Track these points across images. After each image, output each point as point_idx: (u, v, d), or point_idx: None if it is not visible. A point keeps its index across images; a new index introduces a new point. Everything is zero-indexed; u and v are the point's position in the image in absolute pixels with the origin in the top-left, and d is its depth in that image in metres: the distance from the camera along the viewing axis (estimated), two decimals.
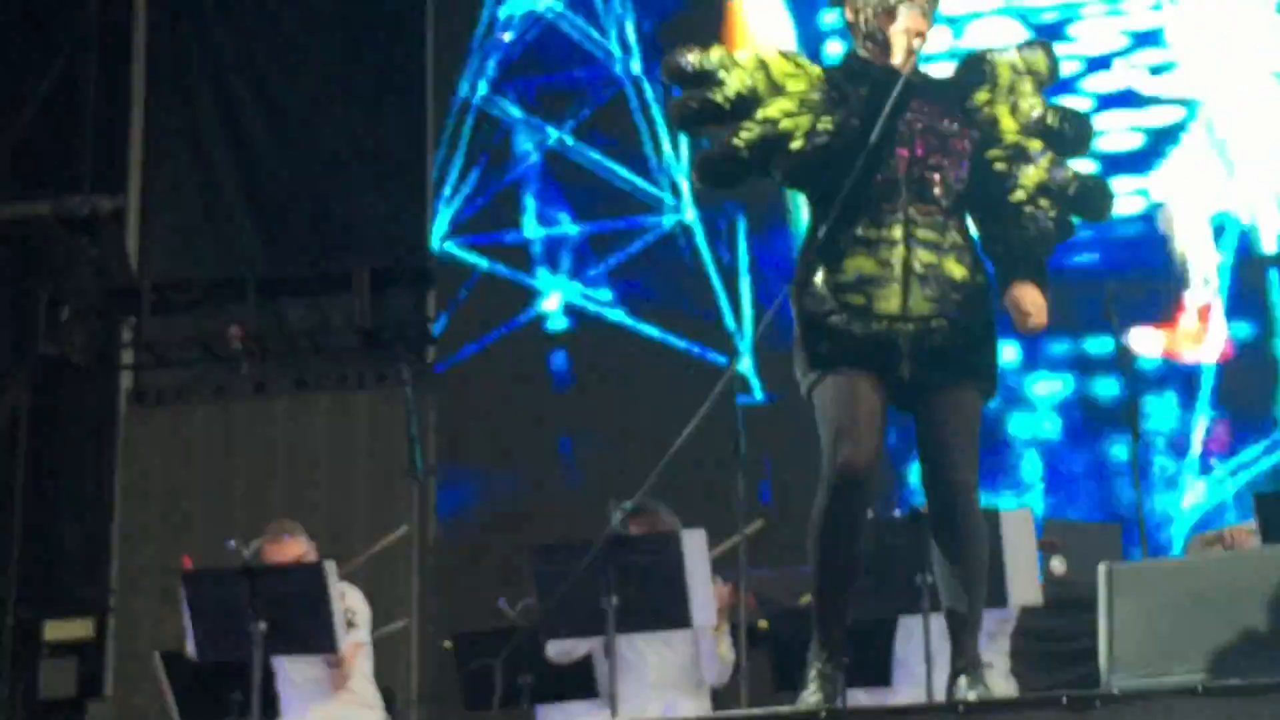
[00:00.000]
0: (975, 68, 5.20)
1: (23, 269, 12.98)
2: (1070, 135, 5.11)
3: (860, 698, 7.79)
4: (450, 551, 11.29)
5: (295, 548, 8.02)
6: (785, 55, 5.15)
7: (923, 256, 4.90)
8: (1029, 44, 5.28)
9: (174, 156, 13.01)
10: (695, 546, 7.36)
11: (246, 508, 11.63)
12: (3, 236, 13.01)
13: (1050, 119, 5.09)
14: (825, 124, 5.00)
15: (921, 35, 5.05)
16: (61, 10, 12.70)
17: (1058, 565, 7.66)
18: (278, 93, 12.93)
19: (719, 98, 5.05)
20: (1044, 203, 5.03)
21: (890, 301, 4.91)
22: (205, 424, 12.15)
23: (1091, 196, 5.08)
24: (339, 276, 12.40)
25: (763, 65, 5.07)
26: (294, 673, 7.98)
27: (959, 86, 5.17)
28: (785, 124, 5.01)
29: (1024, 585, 7.13)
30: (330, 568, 7.61)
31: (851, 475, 4.89)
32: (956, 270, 4.94)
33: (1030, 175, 5.04)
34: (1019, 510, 7.21)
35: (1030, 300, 5.02)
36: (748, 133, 5.04)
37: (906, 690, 7.65)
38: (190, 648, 7.76)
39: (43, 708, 11.79)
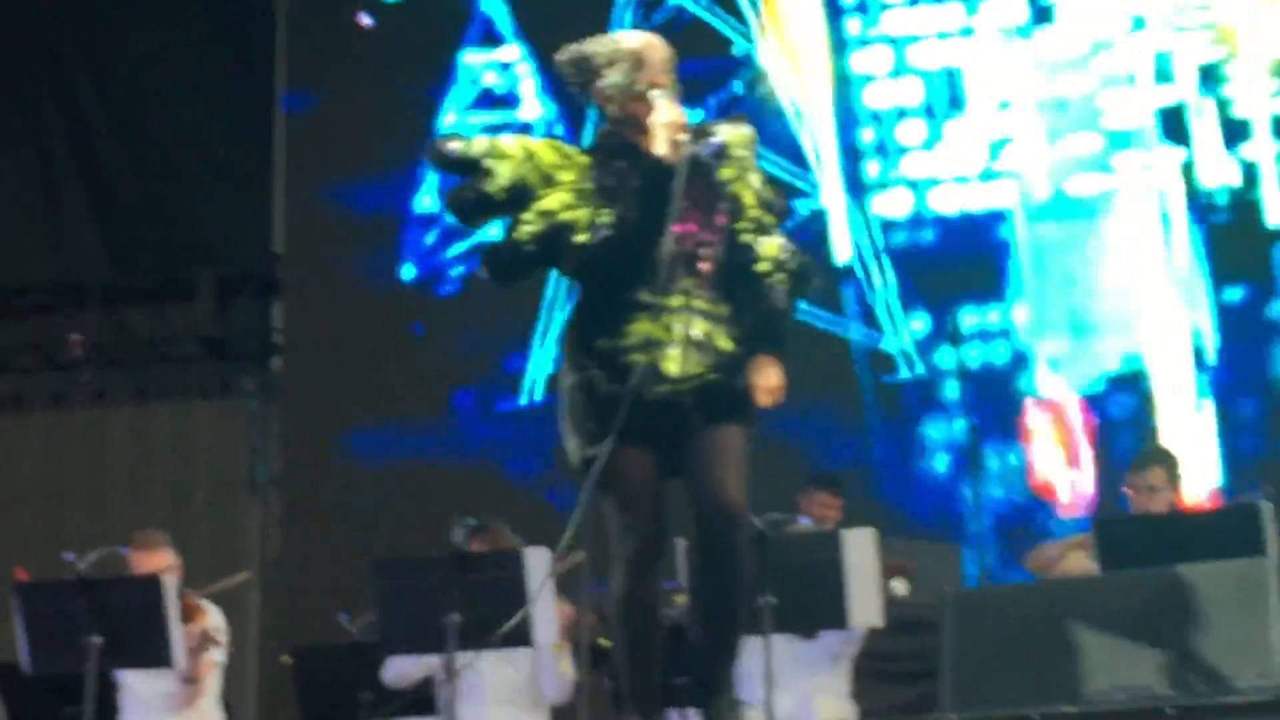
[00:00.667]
0: (703, 140, 5.29)
1: None
2: (779, 206, 5.30)
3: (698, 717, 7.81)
4: (292, 565, 11.20)
5: (160, 559, 7.93)
6: (552, 145, 5.26)
7: (699, 325, 5.07)
8: (735, 118, 5.44)
9: (15, 158, 12.80)
10: (537, 565, 7.34)
11: (84, 518, 11.48)
12: None
13: (764, 191, 5.26)
14: (605, 217, 5.12)
15: (683, 125, 5.19)
16: None
17: (899, 586, 7.70)
18: (124, 97, 12.77)
19: (493, 189, 5.14)
20: (779, 277, 5.22)
21: (670, 365, 5.03)
22: (43, 432, 11.98)
23: (805, 274, 5.25)
24: (184, 284, 12.28)
25: (531, 156, 5.18)
26: (141, 686, 7.88)
27: (709, 164, 5.28)
28: (565, 216, 5.13)
29: (865, 606, 7.16)
30: (168, 582, 7.52)
31: (645, 561, 5.03)
32: (723, 341, 5.11)
33: (768, 248, 5.22)
34: (861, 531, 7.24)
35: (767, 378, 5.15)
36: (531, 226, 5.13)
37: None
38: (23, 660, 7.63)
39: None
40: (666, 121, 5.15)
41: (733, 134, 5.28)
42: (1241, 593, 5.36)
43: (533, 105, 11.59)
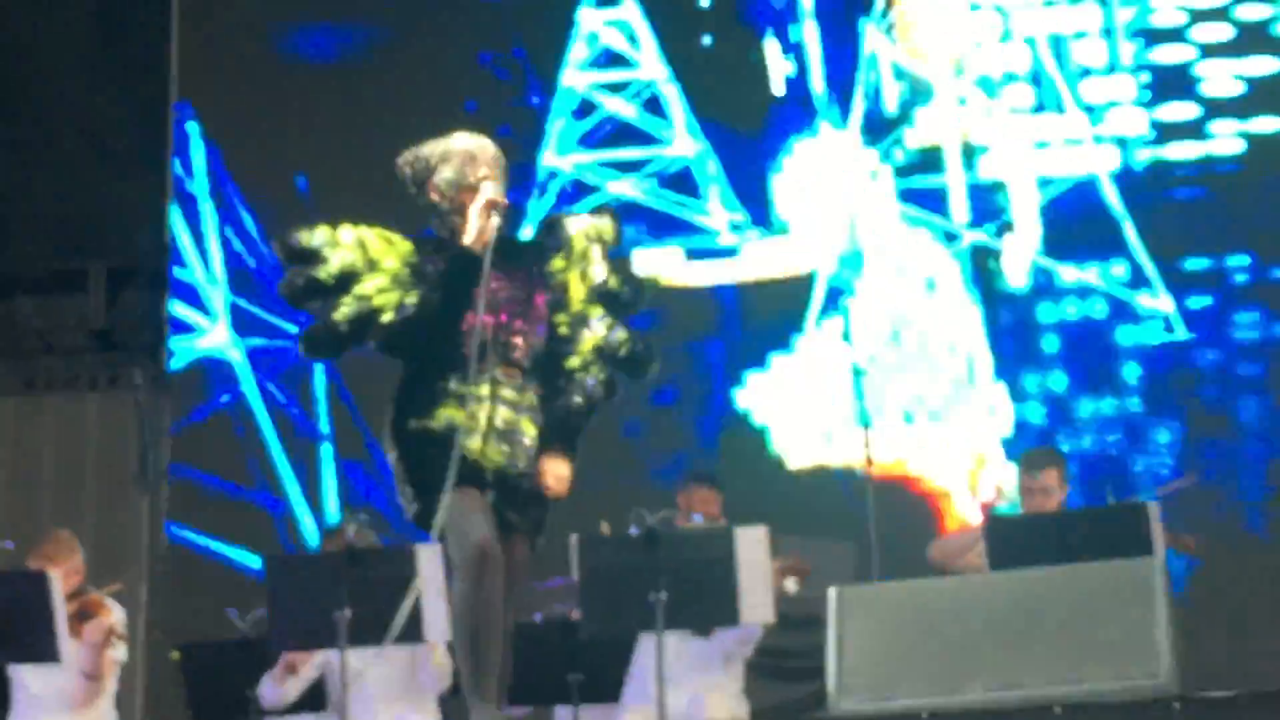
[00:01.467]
0: (554, 233, 5.74)
1: None
2: (627, 298, 5.69)
3: (590, 714, 7.82)
4: (181, 560, 11.11)
5: (66, 563, 7.86)
6: (381, 234, 5.63)
7: (504, 414, 5.50)
8: (599, 210, 5.85)
9: None
10: (430, 562, 7.31)
11: None
12: None
13: (612, 283, 5.65)
14: (411, 299, 5.56)
15: (499, 205, 5.60)
16: None
17: (790, 584, 7.74)
18: (13, 85, 12.61)
19: (323, 274, 5.57)
20: (595, 369, 5.64)
21: (473, 448, 5.48)
22: None
23: (638, 360, 5.70)
24: (73, 275, 12.15)
25: (361, 244, 5.58)
26: (37, 683, 7.80)
27: (539, 250, 5.72)
28: (377, 300, 5.55)
29: (756, 603, 7.17)
30: (54, 577, 7.44)
31: (484, 554, 5.47)
32: (529, 429, 5.56)
33: (588, 341, 5.63)
34: (753, 528, 7.26)
35: (553, 473, 5.62)
36: (346, 308, 5.55)
37: (635, 708, 7.68)
38: None
39: None
40: (482, 205, 5.56)
41: (582, 225, 5.68)
42: (1129, 592, 5.41)
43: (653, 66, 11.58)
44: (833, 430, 10.52)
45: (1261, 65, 10.68)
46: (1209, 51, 10.74)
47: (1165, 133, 10.73)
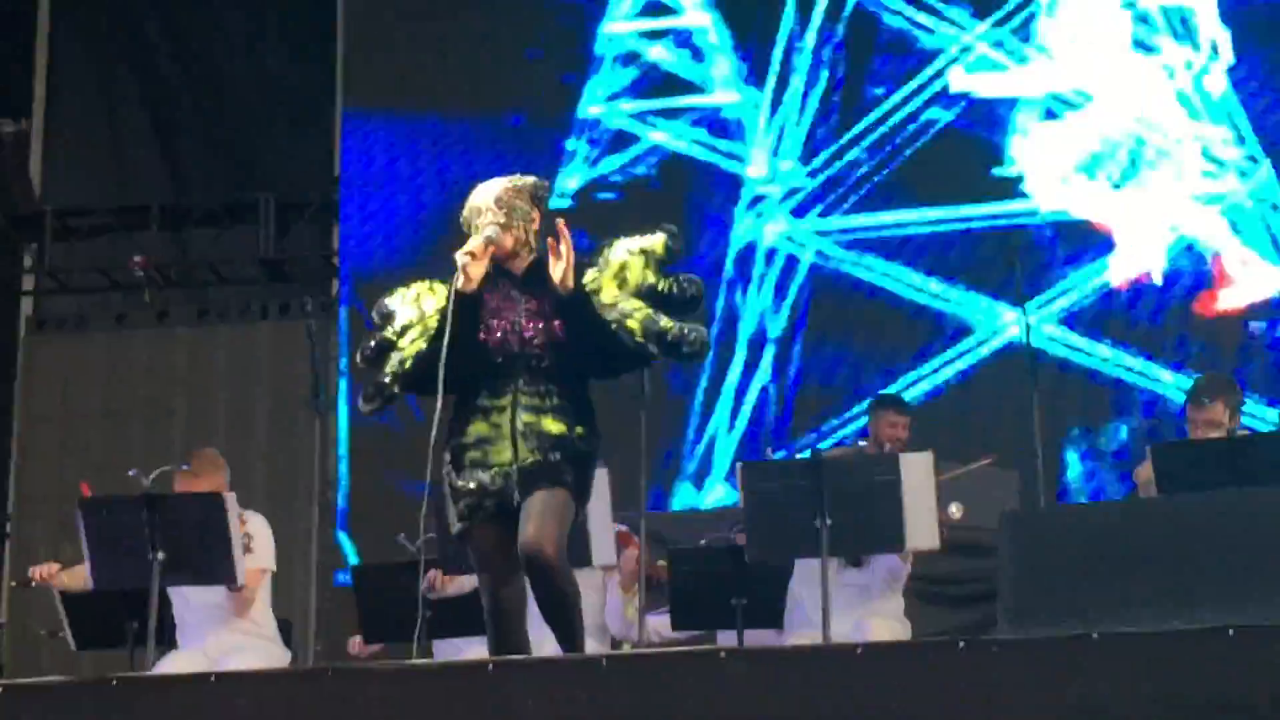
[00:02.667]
0: (593, 254, 5.92)
1: None
2: (679, 299, 5.85)
3: (753, 638, 7.86)
4: (351, 486, 11.27)
5: (208, 483, 7.96)
6: (432, 287, 5.97)
7: (525, 418, 5.75)
8: (650, 229, 5.96)
9: (79, 83, 12.89)
10: (599, 486, 7.39)
11: (146, 436, 11.59)
12: None
13: (662, 287, 5.85)
14: (421, 344, 5.86)
15: (477, 251, 5.77)
16: None
17: (955, 510, 7.72)
18: (185, 24, 12.82)
19: (389, 333, 5.94)
20: (633, 326, 5.79)
21: (503, 455, 5.74)
22: (106, 352, 12.07)
23: (686, 340, 5.79)
24: (244, 208, 12.33)
25: (417, 298, 5.96)
26: (192, 596, 7.94)
27: (579, 270, 5.85)
28: (407, 351, 5.86)
29: (922, 530, 7.19)
30: (230, 499, 7.56)
31: (502, 610, 5.80)
32: (554, 426, 5.76)
33: (631, 320, 5.80)
34: (919, 454, 7.26)
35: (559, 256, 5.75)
36: (389, 363, 5.87)
37: (800, 633, 7.71)
38: (88, 575, 7.70)
39: None
40: (469, 250, 5.76)
41: (626, 244, 5.88)
42: None
43: (696, 14, 11.59)
44: None
45: None
46: None
47: None
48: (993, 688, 4.76)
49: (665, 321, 5.76)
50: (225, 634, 7.84)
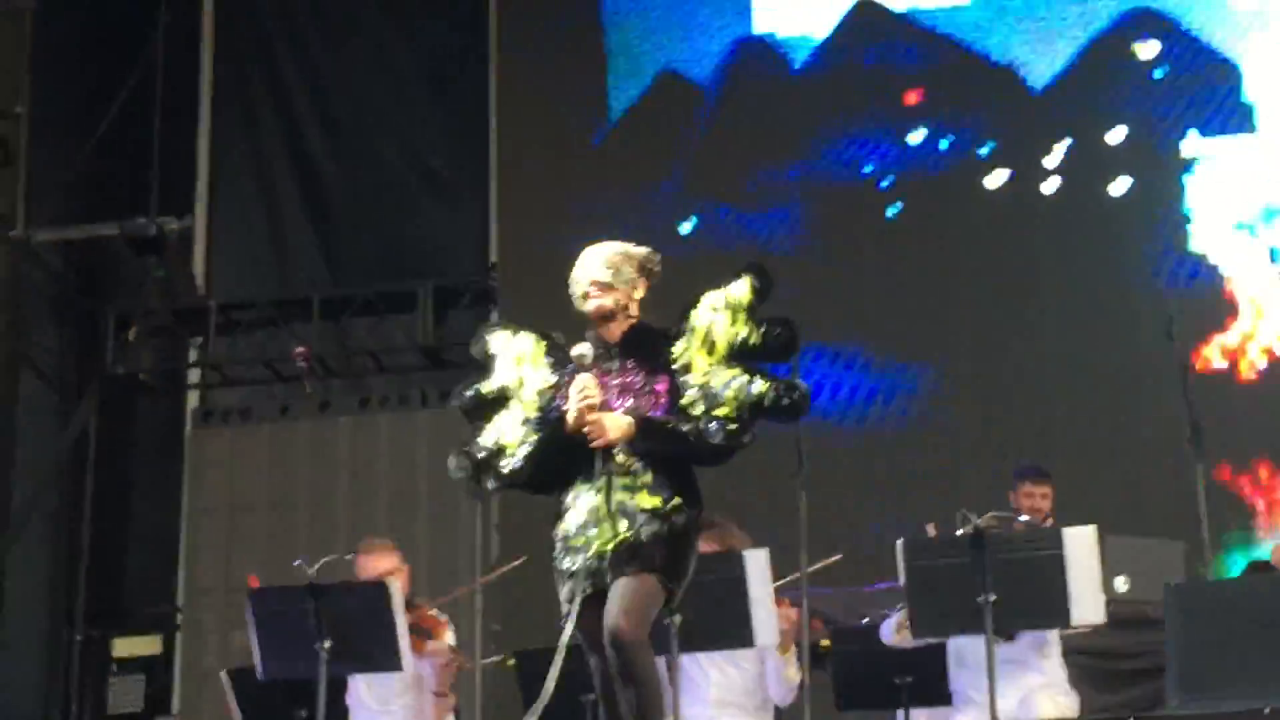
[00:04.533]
0: (681, 319, 5.91)
1: (91, 290, 13.13)
2: (775, 345, 5.81)
3: (920, 717, 7.80)
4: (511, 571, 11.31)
5: (385, 562, 8.07)
6: (538, 353, 6.04)
7: (619, 497, 5.76)
8: (736, 274, 5.92)
9: (239, 178, 13.15)
10: (758, 566, 7.38)
11: (310, 525, 11.72)
12: (71, 258, 13.16)
13: (753, 338, 5.80)
14: (526, 446, 5.94)
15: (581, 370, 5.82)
16: (129, 35, 12.82)
17: (1120, 583, 7.63)
18: (340, 114, 13.05)
19: (485, 389, 6.04)
20: (723, 413, 5.75)
21: (603, 536, 5.76)
22: (270, 442, 12.23)
23: (784, 401, 5.74)
24: (402, 295, 12.48)
25: (519, 361, 6.03)
26: (372, 698, 8.02)
27: (664, 339, 5.92)
28: (504, 439, 5.95)
29: (1087, 604, 7.09)
30: (394, 585, 7.64)
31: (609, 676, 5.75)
32: (647, 501, 5.77)
33: (723, 401, 5.75)
34: (1083, 528, 7.17)
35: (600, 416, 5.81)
36: (486, 436, 5.98)
37: (964, 713, 7.63)
38: (257, 664, 7.80)
39: None
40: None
41: (710, 302, 5.84)
42: None
43: None
44: None
45: None
46: None
47: None
48: None
49: (759, 387, 5.74)
50: None
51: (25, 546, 12.47)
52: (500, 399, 6.03)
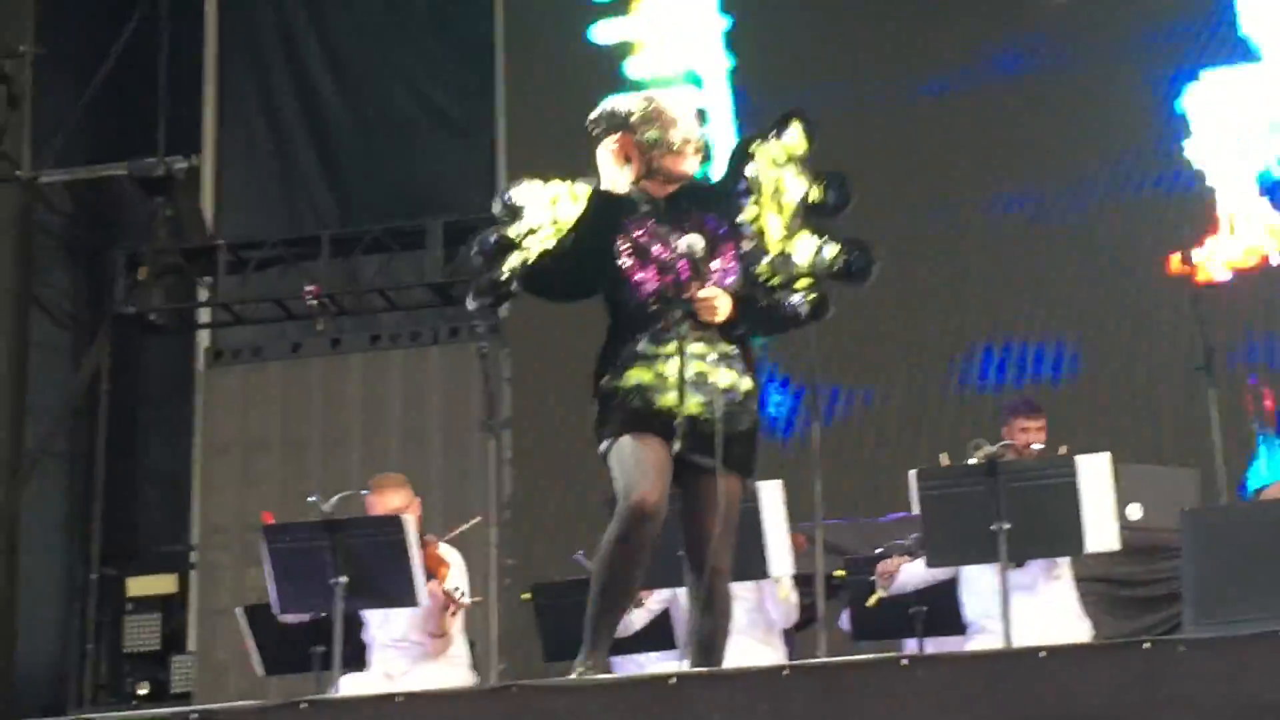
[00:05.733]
0: (741, 175, 5.56)
1: (100, 230, 13.12)
2: (833, 201, 5.50)
3: (934, 645, 7.82)
4: (526, 505, 11.34)
5: (399, 500, 8.07)
6: (574, 191, 5.60)
7: (696, 366, 5.38)
8: (784, 120, 5.59)
9: (246, 117, 13.13)
10: (772, 498, 7.40)
11: (323, 462, 11.74)
12: (79, 198, 13.15)
13: (814, 195, 5.49)
14: (551, 241, 5.51)
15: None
16: None
17: (1134, 511, 7.64)
18: (347, 53, 13.02)
19: (512, 232, 5.59)
20: (802, 285, 5.46)
21: (670, 400, 5.36)
22: (282, 381, 12.24)
23: (854, 271, 5.47)
24: (412, 232, 12.46)
25: (554, 202, 5.58)
26: (382, 633, 8.03)
27: (728, 200, 5.56)
28: (531, 251, 5.53)
29: (1101, 531, 7.11)
30: (409, 520, 7.65)
31: (642, 510, 5.28)
32: (724, 378, 5.41)
33: (798, 273, 5.46)
34: (1097, 456, 7.18)
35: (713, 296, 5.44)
36: (510, 260, 5.56)
37: (977, 639, 7.66)
38: (272, 601, 7.83)
39: (127, 661, 11.95)
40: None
41: (770, 154, 5.50)
42: None
43: None
44: None
45: None
46: None
47: None
48: (1180, 687, 4.70)
49: (831, 251, 5.45)
50: (431, 666, 7.93)
51: (39, 488, 12.52)
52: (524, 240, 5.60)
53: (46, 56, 12.51)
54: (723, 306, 5.41)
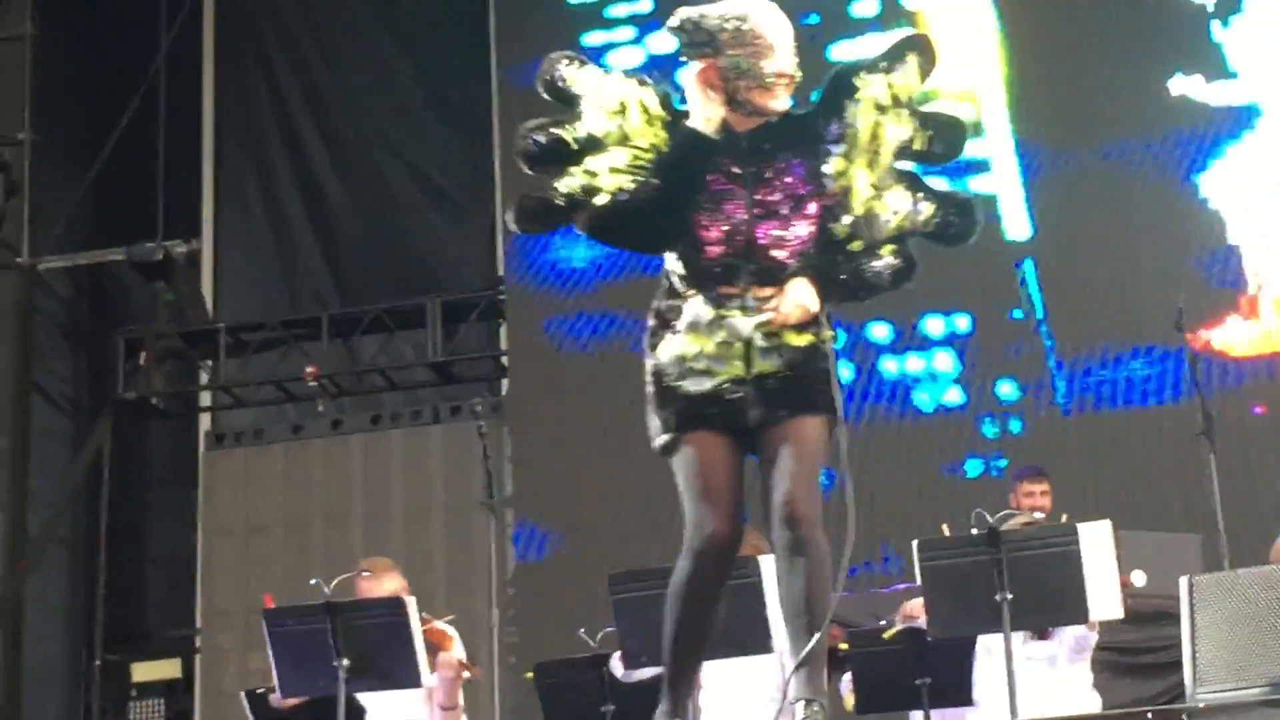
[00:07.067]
0: (838, 111, 4.89)
1: (100, 315, 13.15)
2: (941, 150, 4.91)
3: (941, 718, 7.78)
4: (527, 582, 11.31)
5: (391, 582, 8.06)
6: (646, 106, 4.88)
7: (762, 330, 4.79)
8: (899, 51, 4.91)
9: (244, 199, 13.17)
10: (774, 572, 7.35)
11: (326, 544, 11.72)
12: (79, 284, 13.18)
13: (918, 143, 4.87)
14: (630, 184, 4.82)
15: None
16: (131, 60, 12.84)
17: (1137, 578, 7.62)
18: (344, 133, 13.07)
19: (569, 137, 4.89)
20: (887, 250, 4.86)
21: (734, 370, 4.79)
22: (283, 462, 12.24)
23: (952, 227, 4.89)
24: (411, 312, 12.48)
25: (623, 109, 4.85)
26: (385, 715, 8.01)
27: (815, 138, 4.89)
28: (601, 180, 4.84)
29: (1104, 599, 7.09)
30: (411, 602, 7.63)
31: (718, 546, 4.77)
32: (796, 339, 4.80)
33: (884, 236, 4.85)
34: (1098, 523, 7.17)
35: (798, 294, 4.81)
36: (570, 179, 4.87)
37: (986, 710, 7.63)
38: (276, 685, 7.80)
39: None
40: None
41: (874, 94, 4.83)
42: None
43: None
44: None
45: None
46: None
47: None
48: None
49: (926, 211, 4.83)
50: None
51: (43, 574, 12.50)
52: (582, 152, 4.88)
53: (44, 142, 12.58)
54: (807, 310, 4.77)
